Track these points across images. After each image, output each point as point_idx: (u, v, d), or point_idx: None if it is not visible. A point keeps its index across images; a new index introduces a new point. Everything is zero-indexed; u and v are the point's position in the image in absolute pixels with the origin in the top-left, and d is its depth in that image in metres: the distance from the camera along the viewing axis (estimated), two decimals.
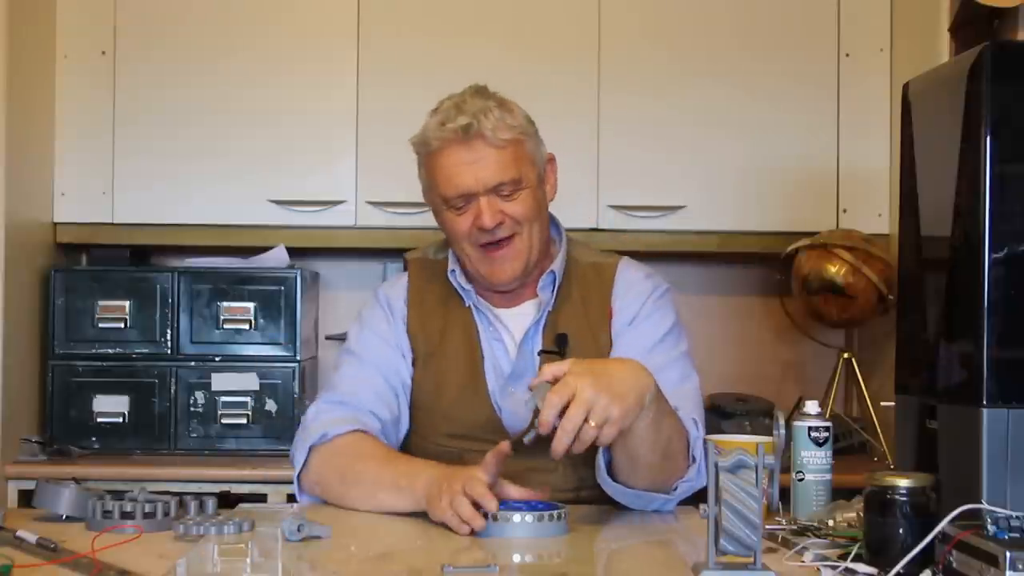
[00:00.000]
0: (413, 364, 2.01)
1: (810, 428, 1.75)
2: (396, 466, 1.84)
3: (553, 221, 2.08)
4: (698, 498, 1.54)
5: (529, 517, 1.64)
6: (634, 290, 2.01)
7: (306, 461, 1.90)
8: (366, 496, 1.82)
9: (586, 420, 1.60)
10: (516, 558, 1.56)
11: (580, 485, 1.92)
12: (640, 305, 1.99)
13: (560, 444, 1.60)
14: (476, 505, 1.65)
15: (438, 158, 1.92)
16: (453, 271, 2.01)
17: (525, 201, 1.93)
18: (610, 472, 1.79)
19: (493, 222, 1.90)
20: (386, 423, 1.96)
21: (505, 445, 1.70)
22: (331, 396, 1.98)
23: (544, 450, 1.91)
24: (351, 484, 1.84)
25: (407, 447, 2.00)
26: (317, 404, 1.98)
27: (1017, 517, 1.31)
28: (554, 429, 1.61)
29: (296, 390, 2.84)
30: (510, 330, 2.00)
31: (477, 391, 1.96)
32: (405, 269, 2.10)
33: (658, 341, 1.96)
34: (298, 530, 1.57)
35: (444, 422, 1.96)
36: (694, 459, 1.83)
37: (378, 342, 2.02)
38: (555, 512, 1.66)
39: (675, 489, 1.82)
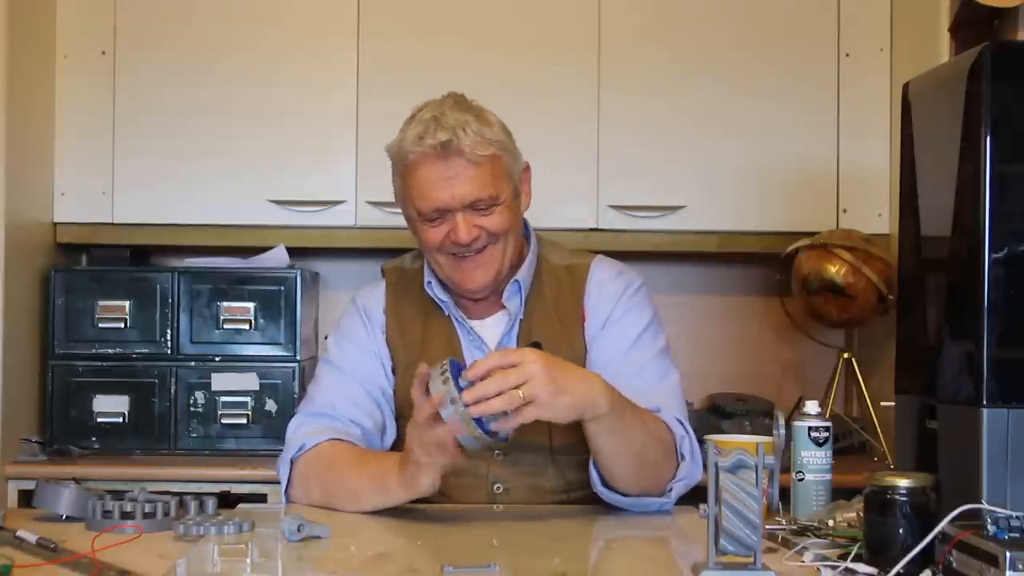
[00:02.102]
0: (393, 372, 2.01)
1: (810, 428, 1.75)
2: (369, 469, 1.83)
3: (524, 223, 2.07)
4: (697, 497, 1.54)
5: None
6: (606, 291, 2.00)
7: (290, 476, 1.91)
8: (351, 503, 1.83)
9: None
10: (516, 558, 1.56)
11: (569, 487, 1.93)
12: (613, 305, 1.98)
13: (483, 388, 1.59)
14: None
15: (415, 172, 1.90)
16: (430, 283, 2.00)
17: (502, 215, 1.91)
18: (603, 483, 1.81)
19: (469, 238, 1.89)
20: (368, 431, 1.96)
21: (423, 368, 1.68)
22: (310, 409, 1.99)
23: (530, 454, 1.91)
24: (333, 494, 1.85)
25: None
26: (297, 417, 1.99)
27: (1017, 517, 1.31)
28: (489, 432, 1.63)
29: (296, 390, 2.83)
30: (485, 340, 2.00)
31: None
32: (383, 277, 2.09)
33: (634, 341, 1.95)
34: (298, 530, 1.58)
35: None
36: (683, 456, 1.83)
37: (357, 352, 2.01)
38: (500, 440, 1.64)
39: (670, 491, 1.82)
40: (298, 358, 2.86)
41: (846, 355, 2.96)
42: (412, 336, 2.01)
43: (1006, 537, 1.29)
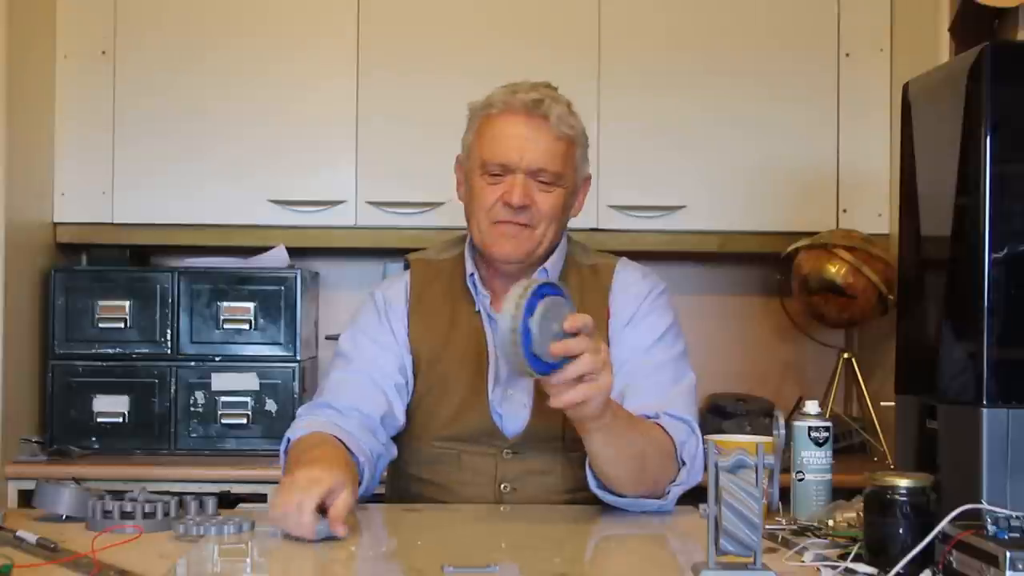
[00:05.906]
0: (415, 364, 2.00)
1: (810, 428, 1.75)
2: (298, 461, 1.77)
3: None
4: (697, 497, 1.54)
5: None
6: (631, 291, 2.01)
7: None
8: None
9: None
10: (516, 557, 1.56)
11: (576, 487, 1.92)
12: (637, 306, 1.99)
13: (571, 347, 1.60)
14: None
15: (496, 120, 1.93)
16: (472, 275, 1.99)
17: (556, 199, 1.92)
18: (599, 484, 1.81)
19: (521, 201, 1.89)
20: (370, 418, 1.92)
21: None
22: (316, 400, 1.97)
23: (540, 452, 1.91)
24: None
25: (400, 445, 1.99)
26: (304, 408, 1.97)
27: (1017, 517, 1.31)
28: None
29: (296, 390, 2.84)
30: None
31: (479, 398, 1.94)
32: (406, 268, 2.09)
33: (655, 342, 1.96)
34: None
35: (443, 427, 1.94)
36: (684, 462, 1.83)
37: (368, 343, 2.00)
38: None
39: (668, 493, 1.82)
40: (298, 358, 2.87)
41: (846, 355, 2.96)
42: (436, 328, 1.99)
43: (1006, 537, 1.29)
